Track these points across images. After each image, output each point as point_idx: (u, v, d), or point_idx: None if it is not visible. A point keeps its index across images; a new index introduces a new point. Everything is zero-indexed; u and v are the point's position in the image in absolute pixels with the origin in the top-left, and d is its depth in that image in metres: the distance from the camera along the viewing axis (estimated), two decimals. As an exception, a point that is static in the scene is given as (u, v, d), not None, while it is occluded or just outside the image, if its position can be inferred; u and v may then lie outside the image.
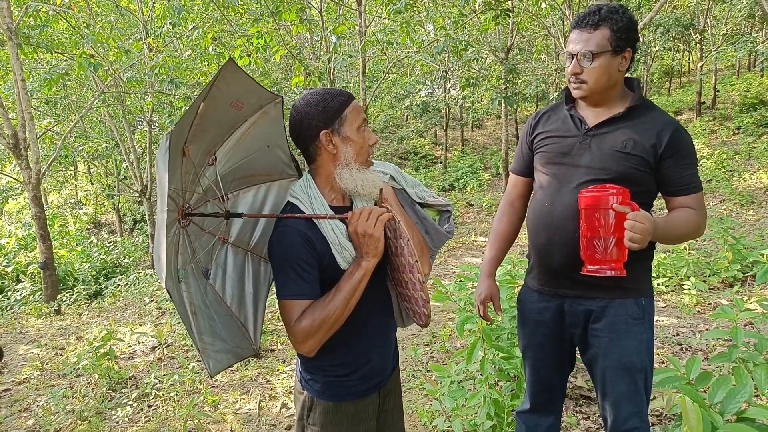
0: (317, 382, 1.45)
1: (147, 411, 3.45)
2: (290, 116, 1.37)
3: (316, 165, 1.38)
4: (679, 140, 1.61)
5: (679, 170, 1.62)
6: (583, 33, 1.61)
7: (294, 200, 1.37)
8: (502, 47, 12.16)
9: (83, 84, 11.80)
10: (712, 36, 16.16)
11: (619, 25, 1.58)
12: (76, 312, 7.13)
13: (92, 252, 11.33)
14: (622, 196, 1.51)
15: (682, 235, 1.65)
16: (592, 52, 1.59)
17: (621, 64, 1.62)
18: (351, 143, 1.34)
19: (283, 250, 1.32)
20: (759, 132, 12.67)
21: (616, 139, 1.65)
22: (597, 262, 1.54)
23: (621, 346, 1.72)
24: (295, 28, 5.89)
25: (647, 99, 1.72)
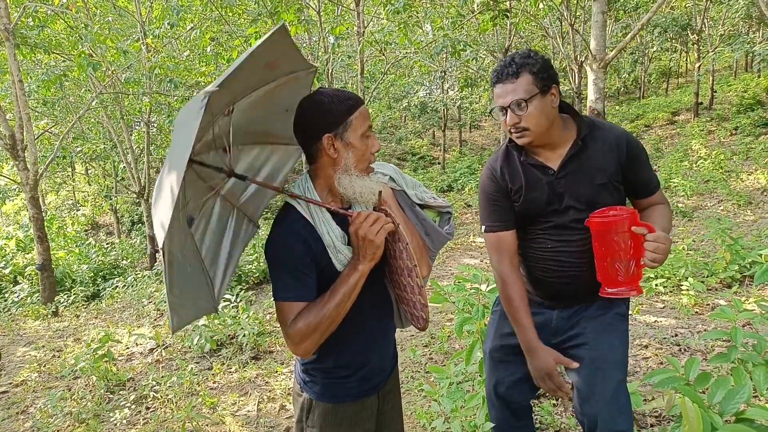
0: (316, 384, 1.45)
1: (145, 413, 3.44)
2: (296, 113, 1.34)
3: (316, 167, 1.36)
4: (633, 149, 1.71)
5: (640, 175, 1.73)
6: (507, 85, 1.64)
7: (292, 201, 1.37)
8: (500, 48, 12.17)
9: (81, 85, 11.78)
10: (709, 37, 16.20)
11: (537, 66, 1.62)
12: (74, 314, 7.11)
13: (90, 253, 11.30)
14: (634, 218, 1.58)
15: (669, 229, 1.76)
16: (523, 99, 1.62)
17: (552, 102, 1.66)
18: (353, 149, 1.32)
19: (280, 252, 1.31)
20: (756, 132, 12.70)
21: (587, 175, 1.70)
22: (618, 284, 1.62)
23: (602, 348, 1.75)
24: (293, 28, 5.87)
25: (588, 119, 1.75)
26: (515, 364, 1.90)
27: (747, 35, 17.68)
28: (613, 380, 1.73)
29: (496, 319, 2.02)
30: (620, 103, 22.42)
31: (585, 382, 1.76)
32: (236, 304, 4.83)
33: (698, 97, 16.34)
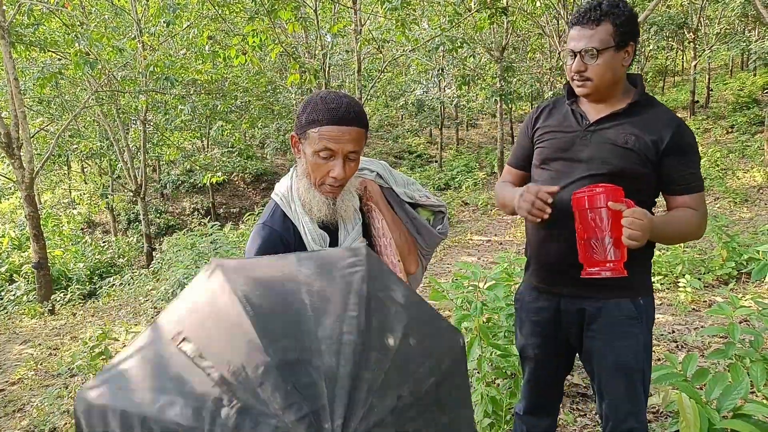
0: None
1: (143, 411, 3.43)
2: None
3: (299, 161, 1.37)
4: (682, 138, 1.57)
5: (680, 169, 1.58)
6: (585, 29, 1.55)
7: (274, 196, 1.38)
8: (497, 46, 12.18)
9: (77, 83, 11.73)
10: (705, 35, 16.23)
11: (621, 19, 1.53)
12: (71, 312, 7.09)
13: (86, 252, 11.27)
14: (614, 194, 1.47)
15: (681, 234, 1.62)
16: (597, 49, 1.54)
17: (624, 59, 1.58)
18: (306, 160, 1.31)
19: (255, 246, 1.31)
20: (752, 131, 12.75)
21: (616, 135, 1.61)
22: (595, 263, 1.51)
23: (617, 347, 1.69)
24: (290, 26, 5.86)
25: (650, 95, 1.68)
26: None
27: (743, 34, 17.73)
28: (621, 385, 1.72)
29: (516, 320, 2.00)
30: (617, 102, 22.38)
31: (599, 383, 1.77)
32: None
33: (694, 95, 16.38)
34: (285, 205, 1.35)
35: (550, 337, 1.84)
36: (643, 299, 1.71)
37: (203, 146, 17.72)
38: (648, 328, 1.73)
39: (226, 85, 12.00)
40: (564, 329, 1.80)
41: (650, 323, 1.74)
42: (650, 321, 1.74)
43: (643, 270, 1.73)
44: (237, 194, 20.36)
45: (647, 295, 1.73)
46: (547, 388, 1.97)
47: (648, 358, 1.74)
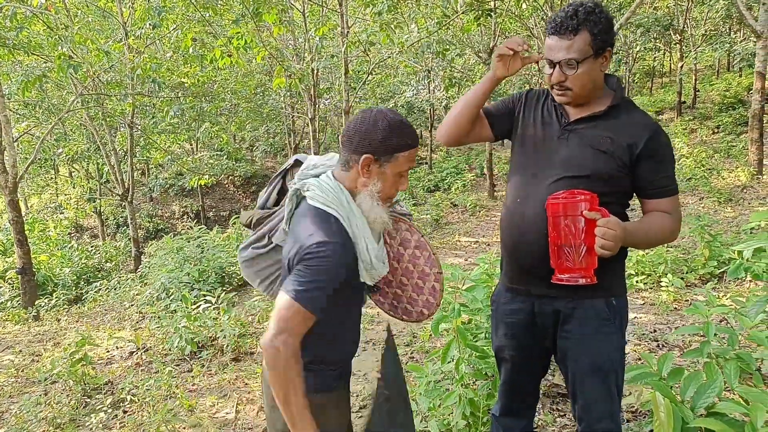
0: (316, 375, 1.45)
1: (122, 417, 3.40)
2: (359, 116, 1.40)
3: (345, 175, 1.41)
4: (657, 142, 1.57)
5: (654, 173, 1.59)
6: (562, 40, 1.53)
7: (332, 211, 1.36)
8: (485, 48, 12.22)
9: (63, 87, 11.65)
10: (692, 36, 16.38)
11: (599, 27, 1.52)
12: (55, 318, 7.01)
13: (73, 257, 11.17)
14: (590, 203, 1.48)
15: (654, 240, 1.64)
16: (576, 60, 1.52)
17: (602, 65, 1.59)
18: (384, 181, 1.39)
19: (329, 266, 1.29)
20: (737, 131, 12.88)
21: (594, 137, 1.61)
22: (567, 270, 1.52)
23: (591, 348, 1.69)
24: (276, 29, 5.85)
25: (628, 98, 1.69)
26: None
27: (728, 35, 17.91)
28: (597, 386, 1.71)
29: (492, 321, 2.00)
30: (605, 103, 22.55)
31: (573, 384, 1.77)
32: (218, 306, 4.79)
33: (681, 96, 16.52)
34: (345, 220, 1.36)
35: (526, 339, 1.83)
36: (616, 299, 1.71)
37: (192, 149, 17.63)
38: (621, 329, 1.73)
39: (214, 87, 11.97)
40: (539, 330, 1.79)
41: (624, 323, 1.74)
42: (624, 321, 1.74)
43: (616, 271, 1.72)
44: (227, 197, 20.28)
45: (621, 295, 1.73)
46: (523, 390, 1.97)
47: (621, 359, 1.74)
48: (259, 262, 1.63)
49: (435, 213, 10.70)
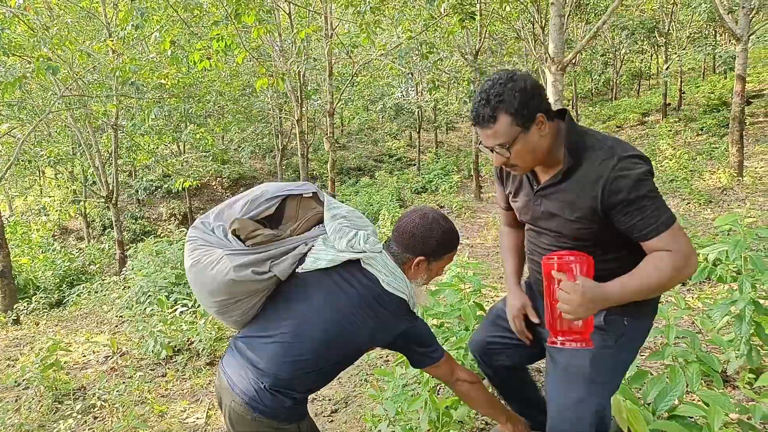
0: (302, 408, 1.58)
1: (92, 423, 3.36)
2: (416, 221, 1.60)
3: (402, 267, 1.61)
4: (616, 191, 1.45)
5: (627, 219, 1.47)
6: (486, 130, 1.50)
7: (404, 296, 1.58)
8: (471, 50, 12.26)
9: (48, 88, 11.54)
10: (677, 39, 16.53)
11: (514, 105, 1.45)
12: (34, 321, 6.94)
13: (56, 259, 11.06)
14: (581, 264, 1.47)
15: (653, 287, 1.46)
16: (504, 144, 1.49)
17: (540, 131, 1.51)
18: (429, 274, 1.66)
19: (429, 330, 1.68)
20: (721, 133, 13.00)
21: (559, 207, 1.59)
22: (557, 332, 1.53)
23: (571, 353, 1.65)
24: (255, 30, 5.82)
25: (580, 144, 1.55)
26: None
27: (714, 38, 18.09)
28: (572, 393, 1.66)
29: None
30: (593, 104, 22.75)
31: (547, 387, 1.77)
32: (194, 310, 4.77)
33: (666, 98, 16.67)
34: (411, 303, 1.61)
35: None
36: (616, 316, 1.64)
37: (179, 151, 17.54)
38: (618, 345, 1.66)
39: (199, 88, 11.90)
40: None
41: (624, 341, 1.67)
42: (624, 339, 1.67)
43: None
44: (215, 199, 20.18)
45: (625, 314, 1.65)
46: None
47: (614, 376, 1.70)
48: (246, 286, 1.53)
49: (421, 215, 10.71)
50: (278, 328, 1.51)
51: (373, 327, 1.52)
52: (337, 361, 1.55)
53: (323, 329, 1.48)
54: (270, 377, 1.47)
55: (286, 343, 1.48)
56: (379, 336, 1.55)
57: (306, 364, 1.48)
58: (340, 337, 1.49)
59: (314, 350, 1.48)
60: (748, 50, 9.02)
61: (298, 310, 1.51)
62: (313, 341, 1.48)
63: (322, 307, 1.49)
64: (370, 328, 1.51)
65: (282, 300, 1.55)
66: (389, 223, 9.23)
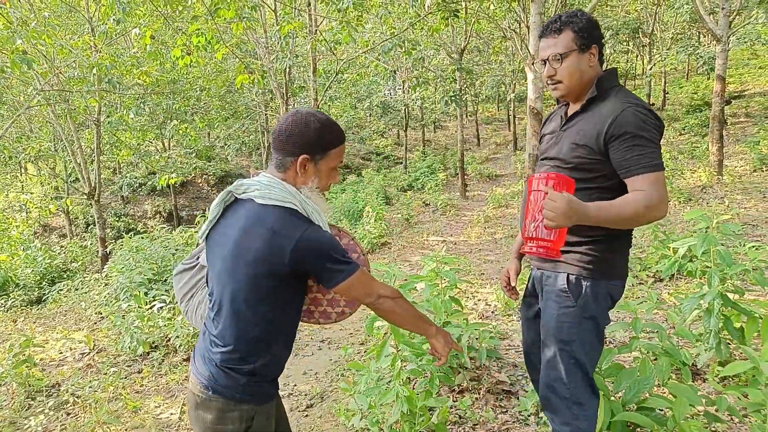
0: (260, 388, 1.51)
1: (64, 419, 3.32)
2: (289, 119, 1.50)
3: (285, 176, 1.51)
4: (623, 123, 1.62)
5: (621, 152, 1.63)
6: (549, 39, 1.76)
7: (288, 205, 1.45)
8: (457, 49, 12.28)
9: (29, 83, 11.36)
10: (661, 39, 16.69)
11: (579, 25, 1.71)
12: (11, 319, 6.84)
13: (36, 256, 10.89)
14: (555, 180, 1.59)
15: (624, 217, 1.59)
16: (560, 54, 1.73)
17: (590, 60, 1.74)
18: (319, 176, 1.53)
19: (334, 240, 1.49)
20: (703, 132, 13.17)
21: (574, 133, 1.77)
22: (528, 239, 1.66)
23: (546, 316, 1.87)
24: (235, 26, 5.78)
25: (613, 87, 1.75)
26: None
27: (697, 39, 18.30)
28: (549, 351, 1.85)
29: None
30: (579, 104, 22.88)
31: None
32: (173, 306, 4.72)
33: (650, 98, 16.84)
34: (303, 211, 1.47)
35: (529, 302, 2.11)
36: (582, 278, 1.78)
37: (164, 147, 17.38)
38: (583, 307, 1.78)
39: (183, 85, 11.79)
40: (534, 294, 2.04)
41: (586, 303, 1.78)
42: (586, 300, 1.78)
43: (585, 253, 1.78)
44: (200, 196, 20.02)
45: (593, 277, 1.78)
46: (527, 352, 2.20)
47: (580, 333, 1.80)
48: (183, 277, 1.73)
49: (406, 212, 10.72)
50: (210, 301, 1.53)
51: (266, 238, 1.40)
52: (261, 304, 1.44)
53: (227, 268, 1.45)
54: (218, 353, 1.46)
55: (216, 311, 1.49)
56: (276, 247, 1.39)
57: (235, 320, 1.44)
58: (239, 262, 1.42)
59: (232, 297, 1.44)
60: (728, 51, 9.14)
61: (213, 274, 1.53)
62: (226, 286, 1.45)
63: (223, 256, 1.47)
64: (264, 240, 1.40)
65: (210, 276, 1.57)
66: (373, 220, 9.21)
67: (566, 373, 1.81)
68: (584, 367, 1.81)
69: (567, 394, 1.81)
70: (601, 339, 1.83)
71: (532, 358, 2.16)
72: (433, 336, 1.67)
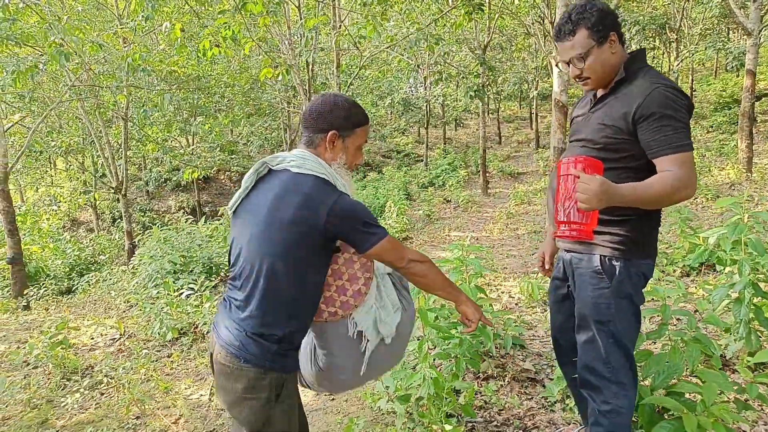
0: (287, 358, 1.54)
1: (98, 398, 3.43)
2: (319, 99, 1.60)
3: (313, 151, 1.59)
4: (651, 103, 1.63)
5: (650, 133, 1.64)
6: (565, 43, 1.75)
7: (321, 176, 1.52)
8: (480, 45, 12.24)
9: (59, 79, 11.66)
10: (689, 35, 16.37)
11: (592, 20, 1.70)
12: (43, 307, 7.05)
13: (66, 249, 11.19)
14: (583, 164, 1.59)
15: (655, 197, 1.59)
16: (580, 54, 1.73)
17: (611, 48, 1.74)
18: (348, 152, 1.62)
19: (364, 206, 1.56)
20: (731, 130, 12.90)
21: (602, 114, 1.79)
22: (560, 223, 1.66)
23: (581, 297, 1.87)
24: (262, 20, 5.86)
25: (641, 68, 1.75)
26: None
27: (726, 35, 17.92)
28: (586, 333, 1.86)
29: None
30: (603, 102, 22.57)
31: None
32: (200, 293, 4.83)
33: (677, 95, 16.48)
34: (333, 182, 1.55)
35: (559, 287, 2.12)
36: (615, 259, 1.79)
37: (188, 143, 17.66)
38: (617, 286, 1.79)
39: (208, 81, 11.97)
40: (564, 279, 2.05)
41: (621, 282, 1.79)
42: (621, 280, 1.79)
43: (616, 234, 1.79)
44: (223, 192, 20.29)
45: (621, 257, 1.79)
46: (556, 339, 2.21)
47: (617, 312, 1.81)
48: None
49: (427, 208, 10.73)
50: (239, 268, 1.54)
51: (301, 202, 1.45)
52: (292, 270, 1.47)
53: (259, 234, 1.48)
54: (248, 321, 1.49)
55: (245, 277, 1.51)
56: (312, 210, 1.45)
57: (266, 286, 1.47)
58: (273, 227, 1.46)
59: (263, 263, 1.47)
60: (759, 45, 8.95)
61: (242, 240, 1.55)
62: (258, 253, 1.48)
63: (255, 222, 1.51)
64: (299, 203, 1.45)
65: (234, 244, 1.60)
66: (395, 215, 9.26)
67: (607, 353, 1.82)
68: (624, 346, 1.83)
69: (608, 374, 1.82)
70: (638, 317, 1.84)
71: (561, 342, 2.17)
72: (463, 303, 1.71)
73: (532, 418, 2.71)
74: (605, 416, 1.84)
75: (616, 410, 1.82)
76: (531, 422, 2.68)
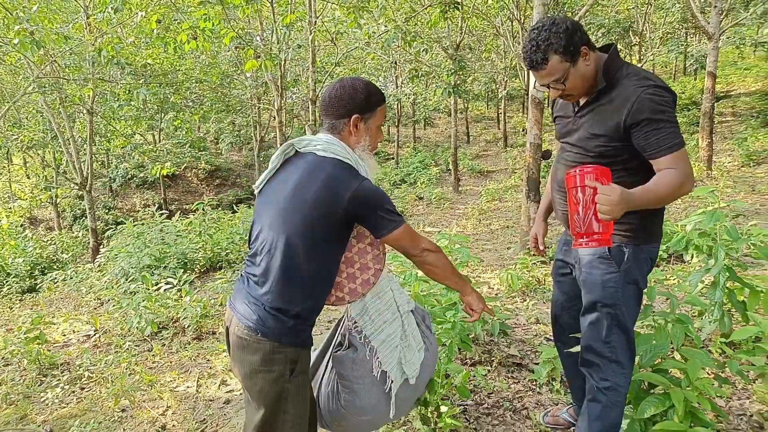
0: (304, 332, 1.58)
1: (79, 393, 3.34)
2: (337, 86, 1.62)
3: (341, 136, 1.63)
4: (641, 109, 1.66)
5: (644, 137, 1.68)
6: (540, 71, 1.75)
7: (346, 161, 1.56)
8: (452, 44, 12.38)
9: (18, 72, 11.22)
10: (651, 39, 16.95)
11: (561, 44, 1.69)
12: (7, 306, 6.78)
13: (27, 247, 10.77)
14: (595, 173, 1.59)
15: (661, 195, 1.67)
16: (557, 79, 1.74)
17: (586, 61, 1.75)
18: (370, 134, 1.65)
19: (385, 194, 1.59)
20: (690, 130, 13.44)
21: (590, 123, 1.82)
22: (580, 235, 1.65)
23: (586, 282, 1.92)
24: (241, 11, 5.80)
25: (619, 70, 1.76)
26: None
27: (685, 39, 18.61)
28: (592, 314, 1.91)
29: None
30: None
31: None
32: (179, 288, 4.74)
33: (639, 97, 17.04)
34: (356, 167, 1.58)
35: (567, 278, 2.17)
36: (620, 245, 1.85)
37: (155, 140, 17.25)
38: (626, 272, 1.85)
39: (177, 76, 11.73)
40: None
41: (629, 268, 1.86)
42: (629, 266, 1.86)
43: (625, 222, 1.82)
44: (190, 190, 19.91)
45: (630, 243, 1.85)
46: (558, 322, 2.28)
47: (624, 297, 1.87)
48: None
49: (401, 206, 10.81)
50: (259, 245, 1.58)
51: (325, 182, 1.50)
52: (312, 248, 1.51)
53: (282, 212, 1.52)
54: (266, 296, 1.52)
55: (265, 253, 1.54)
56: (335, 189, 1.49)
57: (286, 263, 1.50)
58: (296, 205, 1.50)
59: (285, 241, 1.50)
60: (719, 48, 9.35)
61: (264, 219, 1.58)
62: (280, 230, 1.51)
63: (279, 201, 1.55)
64: (323, 183, 1.49)
65: (257, 222, 1.63)
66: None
67: (609, 334, 1.88)
68: (627, 329, 1.90)
69: (608, 353, 1.89)
70: (640, 301, 1.92)
71: (560, 321, 2.25)
72: (469, 293, 1.76)
73: (520, 400, 2.79)
74: (603, 392, 1.92)
75: (614, 387, 1.90)
76: (520, 404, 2.76)
